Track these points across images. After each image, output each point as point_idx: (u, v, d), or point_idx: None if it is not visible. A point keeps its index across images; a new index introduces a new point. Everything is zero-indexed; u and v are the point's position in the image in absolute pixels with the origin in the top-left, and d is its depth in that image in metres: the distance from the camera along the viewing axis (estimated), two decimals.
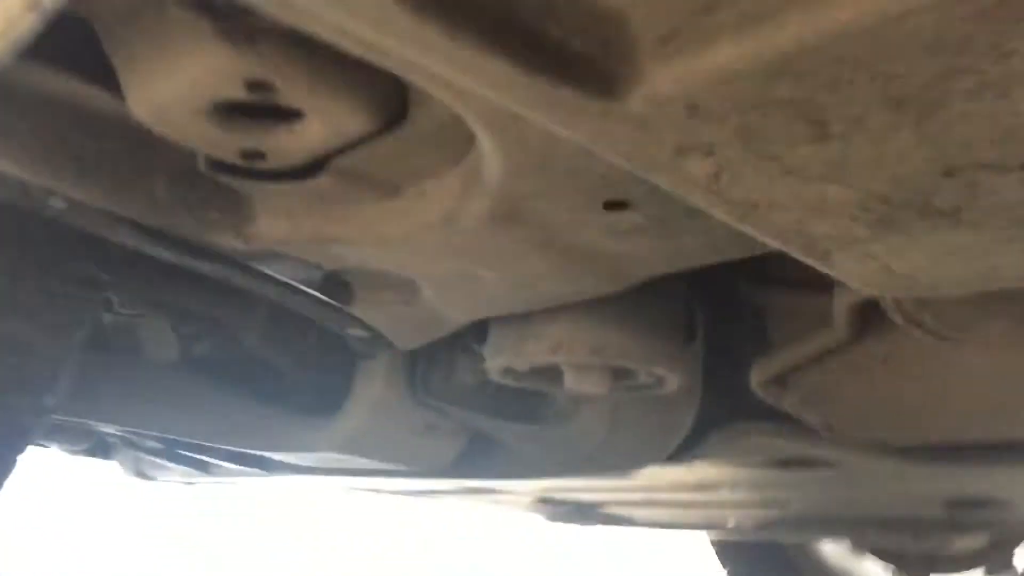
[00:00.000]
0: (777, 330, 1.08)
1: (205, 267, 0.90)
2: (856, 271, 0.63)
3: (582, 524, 2.91)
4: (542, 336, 0.98)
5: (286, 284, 0.94)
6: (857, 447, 1.28)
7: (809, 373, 1.04)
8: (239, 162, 0.75)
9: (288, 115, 0.70)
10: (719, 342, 1.14)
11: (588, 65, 0.54)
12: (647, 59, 0.52)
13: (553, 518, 2.82)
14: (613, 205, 0.71)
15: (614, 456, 1.35)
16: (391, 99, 0.68)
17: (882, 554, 3.21)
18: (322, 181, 0.77)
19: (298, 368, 1.46)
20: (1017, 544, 2.94)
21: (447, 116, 0.66)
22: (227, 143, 0.73)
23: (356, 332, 1.08)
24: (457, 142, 0.71)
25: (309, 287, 0.94)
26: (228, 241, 0.84)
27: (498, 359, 1.02)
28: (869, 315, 0.92)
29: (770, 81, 0.51)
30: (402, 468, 1.47)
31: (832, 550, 3.20)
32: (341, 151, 0.74)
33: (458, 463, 1.46)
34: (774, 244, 0.64)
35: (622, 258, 0.81)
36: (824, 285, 0.99)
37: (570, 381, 1.03)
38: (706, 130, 0.56)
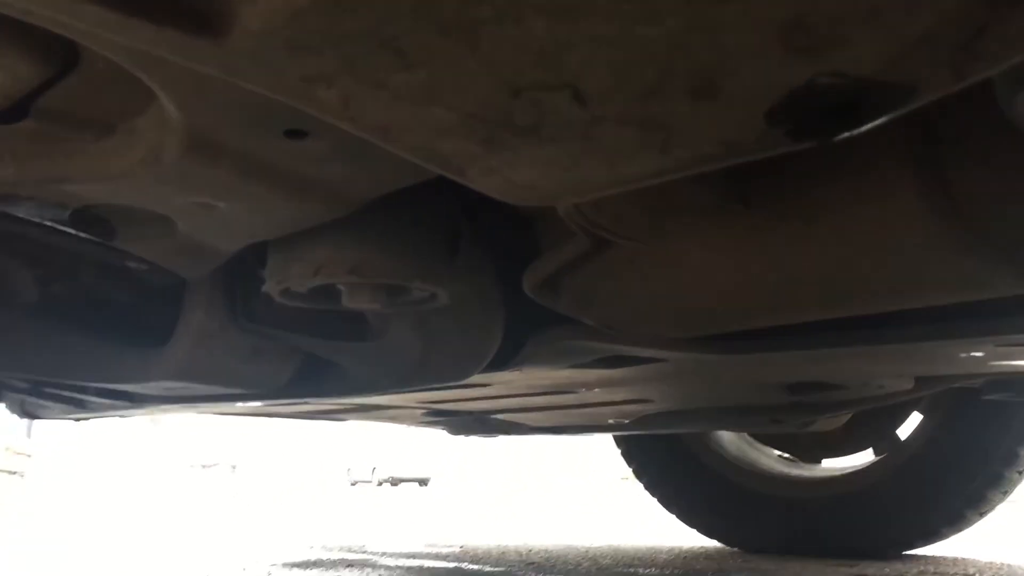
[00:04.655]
0: (544, 236, 1.12)
1: None
2: (487, 184, 0.67)
3: (485, 435, 3.01)
4: (304, 259, 1.02)
5: (39, 224, 0.97)
6: (658, 342, 1.34)
7: (574, 276, 1.08)
8: None
9: None
10: (505, 251, 1.19)
11: (185, 4, 0.57)
12: None
13: (456, 431, 2.90)
14: (293, 133, 0.75)
15: (436, 367, 1.41)
16: (56, 42, 0.70)
17: (776, 442, 3.36)
18: (30, 123, 0.80)
19: (136, 300, 1.50)
20: (897, 426, 3.09)
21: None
22: None
23: (136, 265, 1.11)
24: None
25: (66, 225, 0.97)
26: None
27: (271, 283, 1.06)
28: None
29: (335, 14, 0.55)
30: (240, 392, 1.52)
31: (731, 440, 3.32)
32: (36, 94, 0.77)
33: (293, 384, 1.51)
34: (421, 163, 0.68)
35: (334, 183, 0.85)
36: None
37: (345, 299, 1.07)
38: (314, 62, 0.59)
